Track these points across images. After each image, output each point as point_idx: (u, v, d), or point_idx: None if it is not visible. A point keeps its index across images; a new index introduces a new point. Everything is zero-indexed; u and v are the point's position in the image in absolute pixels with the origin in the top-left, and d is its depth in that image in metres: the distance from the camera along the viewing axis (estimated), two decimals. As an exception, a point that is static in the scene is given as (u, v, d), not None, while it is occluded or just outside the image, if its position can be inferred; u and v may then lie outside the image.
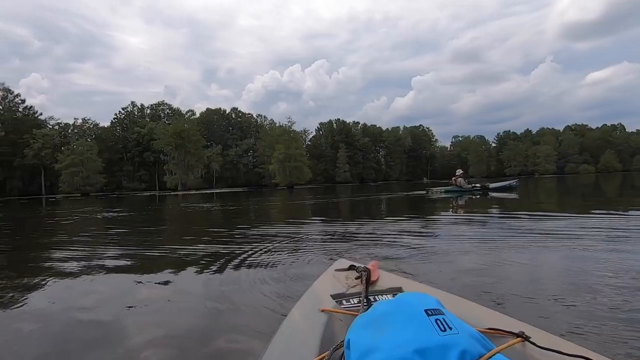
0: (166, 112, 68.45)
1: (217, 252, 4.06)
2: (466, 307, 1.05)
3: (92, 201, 26.19)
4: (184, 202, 19.48)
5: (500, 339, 0.81)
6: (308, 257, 3.54)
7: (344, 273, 1.38)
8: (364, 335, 0.68)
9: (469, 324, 0.68)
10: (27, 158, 50.18)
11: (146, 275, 3.25)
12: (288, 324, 1.07)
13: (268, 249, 4.05)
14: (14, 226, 9.50)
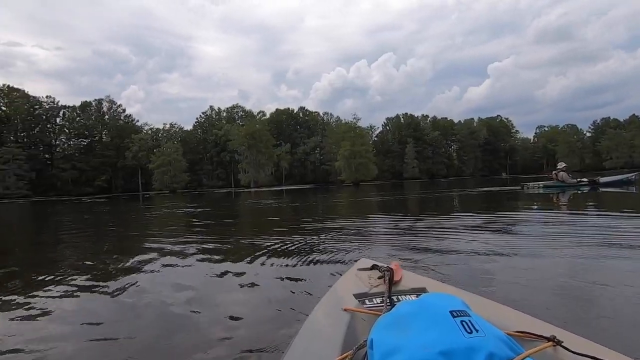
0: (240, 114, 73.17)
1: (286, 243, 4.29)
2: (493, 309, 1.03)
3: (178, 197, 29.25)
4: (255, 198, 20.71)
5: (530, 342, 0.79)
6: (372, 251, 3.55)
7: (366, 272, 1.38)
8: (387, 335, 0.68)
9: (497, 327, 0.66)
10: (127, 160, 57.82)
11: (227, 263, 3.59)
12: (311, 323, 1.08)
13: (332, 242, 4.15)
14: (120, 219, 11.08)
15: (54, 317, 2.29)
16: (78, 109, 60.88)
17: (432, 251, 3.52)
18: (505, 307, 1.06)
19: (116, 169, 59.52)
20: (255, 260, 3.57)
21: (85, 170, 56.51)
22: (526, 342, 0.79)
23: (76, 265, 3.95)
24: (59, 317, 2.29)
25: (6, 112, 54.24)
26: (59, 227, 9.16)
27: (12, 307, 2.50)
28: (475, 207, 9.34)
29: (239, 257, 3.80)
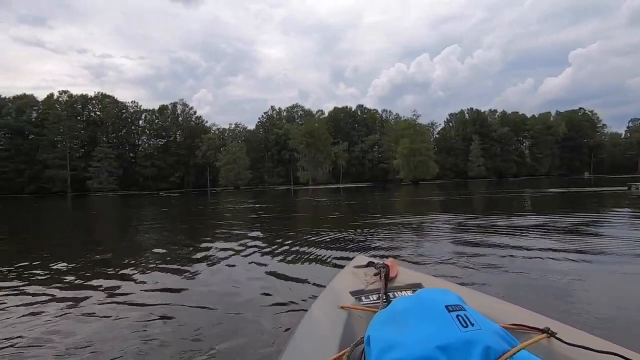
0: (299, 113, 75.04)
1: (342, 240, 4.42)
2: (488, 303, 1.03)
3: (241, 193, 31.02)
4: (312, 195, 21.16)
5: (525, 334, 0.80)
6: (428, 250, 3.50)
7: (362, 270, 1.39)
8: (384, 331, 0.68)
9: (492, 320, 0.67)
10: (197, 158, 62.66)
11: (284, 254, 3.82)
12: (308, 321, 1.08)
13: (386, 239, 4.16)
14: (191, 211, 12.16)
15: (142, 298, 2.67)
16: (156, 112, 67.41)
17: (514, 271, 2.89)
18: (500, 301, 1.06)
19: (188, 167, 64.82)
20: (301, 254, 3.72)
21: (162, 167, 62.50)
22: (521, 334, 0.79)
23: (156, 251, 4.48)
24: (143, 297, 2.66)
25: (100, 116, 62.07)
26: (142, 217, 10.37)
27: (102, 287, 2.96)
28: (561, 209, 8.55)
29: (291, 252, 3.99)
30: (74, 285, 2.94)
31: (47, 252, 4.80)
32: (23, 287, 2.90)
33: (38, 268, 3.58)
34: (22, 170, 54.37)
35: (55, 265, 3.73)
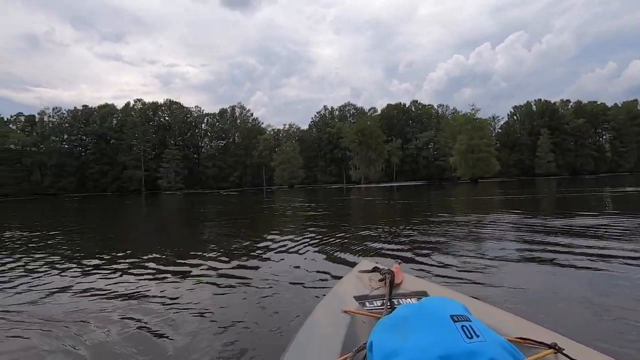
0: (351, 112, 74.96)
1: (386, 238, 4.44)
2: (494, 315, 1.01)
3: (295, 192, 31.92)
4: (364, 194, 21.11)
5: (531, 349, 0.78)
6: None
7: (367, 275, 1.37)
8: (386, 338, 0.68)
9: (498, 333, 0.66)
10: (254, 158, 65.63)
11: (336, 249, 3.98)
12: (310, 324, 1.07)
13: (445, 240, 4.11)
14: (248, 209, 12.90)
15: (199, 284, 3.00)
16: (217, 116, 71.87)
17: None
18: (506, 313, 1.05)
19: (245, 166, 68.18)
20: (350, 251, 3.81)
21: (222, 167, 66.51)
22: (527, 348, 0.77)
23: (216, 245, 4.90)
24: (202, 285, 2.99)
25: (168, 121, 67.83)
26: (207, 214, 11.24)
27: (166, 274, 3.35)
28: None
29: (346, 248, 4.12)
30: (168, 264, 3.38)
31: (137, 240, 5.49)
32: (129, 269, 3.41)
33: (139, 250, 4.15)
34: (106, 171, 61.50)
35: (154, 249, 4.28)
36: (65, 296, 2.71)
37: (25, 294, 2.82)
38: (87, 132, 63.70)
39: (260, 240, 5.11)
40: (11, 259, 4.34)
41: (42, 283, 3.12)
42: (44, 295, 2.74)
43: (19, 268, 3.80)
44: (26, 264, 3.97)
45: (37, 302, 2.59)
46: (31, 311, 2.38)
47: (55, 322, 2.17)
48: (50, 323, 2.15)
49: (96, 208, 17.54)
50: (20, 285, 3.09)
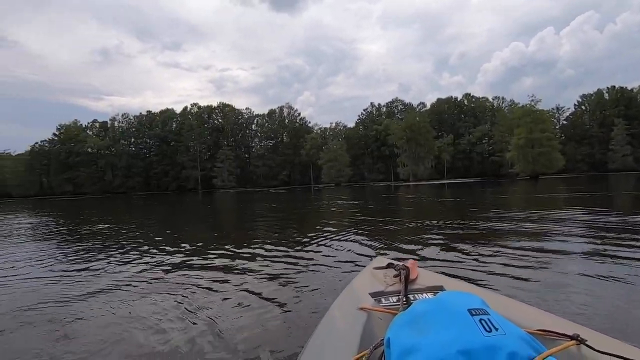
0: (399, 108, 73.33)
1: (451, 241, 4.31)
2: (513, 308, 1.00)
3: (342, 190, 32.06)
4: (412, 192, 20.64)
5: (552, 341, 0.77)
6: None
7: (382, 271, 1.38)
8: (404, 334, 0.67)
9: (517, 325, 0.65)
10: (302, 157, 66.92)
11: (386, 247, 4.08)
12: (327, 322, 1.08)
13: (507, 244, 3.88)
14: (296, 206, 13.33)
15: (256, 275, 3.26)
16: (266, 116, 74.31)
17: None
18: (525, 306, 1.03)
19: (294, 165, 69.74)
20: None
21: (272, 166, 68.72)
22: (548, 340, 0.76)
23: (268, 239, 5.21)
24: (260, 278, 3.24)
25: (221, 123, 71.51)
26: (253, 210, 11.81)
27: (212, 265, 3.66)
28: None
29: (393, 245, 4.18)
30: (227, 256, 3.74)
31: (195, 232, 6.03)
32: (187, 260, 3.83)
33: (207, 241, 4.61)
34: (167, 171, 66.55)
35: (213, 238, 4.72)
36: (150, 272, 3.13)
37: (127, 270, 3.29)
38: (150, 135, 69.42)
39: (301, 235, 5.33)
40: (103, 247, 5.02)
41: (136, 261, 3.63)
42: (140, 271, 3.19)
43: (113, 253, 4.39)
44: (116, 251, 4.57)
45: (135, 277, 3.03)
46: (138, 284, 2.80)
47: (145, 293, 2.54)
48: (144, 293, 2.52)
49: (160, 205, 19.16)
50: (122, 264, 3.60)
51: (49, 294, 2.81)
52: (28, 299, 2.70)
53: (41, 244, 5.81)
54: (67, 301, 2.60)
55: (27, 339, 1.99)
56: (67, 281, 3.20)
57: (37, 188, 64.66)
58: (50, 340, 1.93)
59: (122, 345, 1.85)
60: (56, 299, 2.66)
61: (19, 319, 2.28)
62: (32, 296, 2.77)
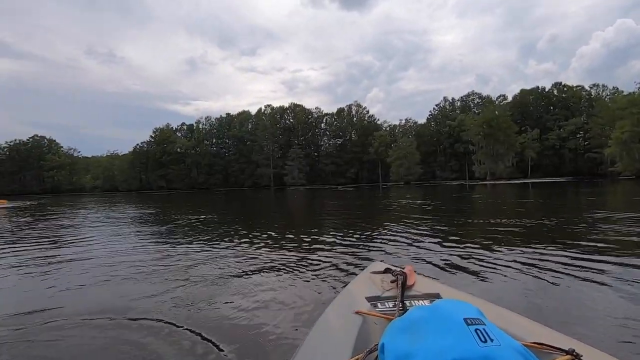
0: (475, 101, 68.51)
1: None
2: (509, 319, 0.99)
3: (411, 189, 31.26)
4: (490, 191, 19.35)
5: (547, 355, 0.76)
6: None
7: (379, 276, 1.38)
8: (399, 340, 0.67)
9: (513, 337, 0.65)
10: (370, 154, 66.49)
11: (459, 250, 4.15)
12: (322, 325, 1.08)
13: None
14: (363, 203, 13.55)
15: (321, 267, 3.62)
16: (335, 115, 75.33)
17: None
18: (522, 318, 1.03)
19: (362, 163, 69.65)
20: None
21: (340, 164, 69.58)
22: (543, 354, 0.76)
23: (327, 232, 5.57)
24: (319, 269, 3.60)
25: (292, 123, 74.44)
26: (327, 206, 12.31)
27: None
28: None
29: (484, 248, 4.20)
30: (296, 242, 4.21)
31: (263, 222, 6.68)
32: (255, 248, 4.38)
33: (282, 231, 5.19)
34: (243, 169, 71.58)
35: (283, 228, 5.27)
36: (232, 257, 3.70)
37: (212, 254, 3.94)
38: (229, 136, 75.27)
39: (360, 232, 5.54)
40: (196, 231, 5.88)
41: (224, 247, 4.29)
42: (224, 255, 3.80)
43: (205, 237, 5.17)
44: (212, 236, 5.36)
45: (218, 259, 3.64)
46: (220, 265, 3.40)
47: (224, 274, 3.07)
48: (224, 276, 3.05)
49: (237, 200, 20.91)
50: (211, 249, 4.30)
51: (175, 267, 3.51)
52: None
53: (153, 228, 6.97)
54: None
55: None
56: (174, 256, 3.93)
57: (137, 183, 74.58)
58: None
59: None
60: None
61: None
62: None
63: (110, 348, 1.89)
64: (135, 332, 2.04)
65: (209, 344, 1.88)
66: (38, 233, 7.04)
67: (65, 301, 2.66)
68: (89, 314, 2.33)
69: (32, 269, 3.81)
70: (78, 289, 2.97)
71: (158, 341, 1.91)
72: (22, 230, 7.82)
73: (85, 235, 6.47)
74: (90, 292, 2.91)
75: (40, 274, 3.56)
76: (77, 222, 9.57)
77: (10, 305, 2.63)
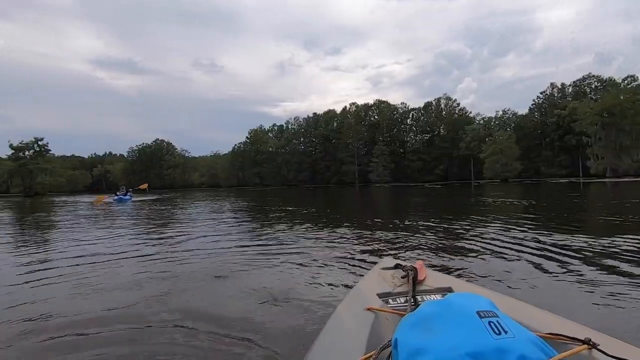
0: (593, 86, 58.69)
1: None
2: (523, 310, 0.99)
3: (509, 187, 28.52)
4: (613, 191, 16.76)
5: (563, 345, 0.76)
6: None
7: (390, 272, 1.38)
8: (411, 335, 0.67)
9: (527, 328, 0.64)
10: (460, 150, 62.28)
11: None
12: (334, 322, 1.08)
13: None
14: (451, 203, 13.14)
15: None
16: (422, 110, 72.40)
17: None
18: (536, 309, 1.03)
19: (451, 159, 65.65)
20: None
21: (427, 161, 66.71)
22: (559, 344, 0.75)
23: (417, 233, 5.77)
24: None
25: (377, 119, 73.88)
26: (412, 204, 12.32)
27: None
28: None
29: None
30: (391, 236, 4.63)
31: (343, 215, 7.19)
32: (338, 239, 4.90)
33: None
34: (329, 166, 73.80)
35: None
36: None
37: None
38: (316, 134, 78.26)
39: (443, 234, 5.53)
40: (297, 221, 6.71)
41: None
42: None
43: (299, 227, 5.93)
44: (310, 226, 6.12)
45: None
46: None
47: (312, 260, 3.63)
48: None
49: (325, 195, 21.97)
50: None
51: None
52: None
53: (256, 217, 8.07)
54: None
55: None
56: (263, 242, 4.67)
57: (236, 180, 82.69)
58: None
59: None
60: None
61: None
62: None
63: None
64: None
65: (217, 337, 1.88)
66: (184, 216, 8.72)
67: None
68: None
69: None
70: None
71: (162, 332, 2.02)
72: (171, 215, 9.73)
73: (213, 220, 7.85)
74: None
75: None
76: (201, 210, 11.46)
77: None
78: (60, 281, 3.19)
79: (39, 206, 20.20)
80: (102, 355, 1.77)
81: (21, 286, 3.10)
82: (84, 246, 5.15)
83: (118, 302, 2.52)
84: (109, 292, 2.80)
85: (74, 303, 2.59)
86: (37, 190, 60.21)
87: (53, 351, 1.84)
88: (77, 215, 11.58)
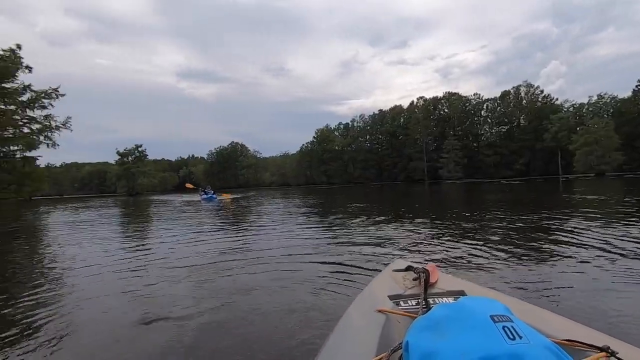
0: None
1: None
2: (538, 316, 0.97)
3: (606, 182, 25.07)
4: None
5: (580, 352, 0.74)
6: None
7: (401, 274, 1.37)
8: (423, 338, 0.66)
9: (543, 334, 0.62)
10: (545, 141, 56.19)
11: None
12: (345, 324, 1.07)
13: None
14: (528, 203, 12.21)
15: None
16: (498, 100, 66.76)
17: None
18: (552, 314, 1.01)
19: (534, 152, 59.64)
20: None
21: (505, 154, 61.46)
22: (576, 351, 0.73)
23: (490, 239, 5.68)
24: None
25: (447, 113, 70.19)
26: (479, 204, 11.80)
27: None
28: None
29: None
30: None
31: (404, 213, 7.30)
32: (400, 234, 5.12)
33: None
34: (396, 163, 72.34)
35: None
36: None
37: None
38: (382, 131, 77.26)
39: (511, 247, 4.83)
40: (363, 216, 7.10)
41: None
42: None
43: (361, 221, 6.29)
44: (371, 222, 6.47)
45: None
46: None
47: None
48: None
49: (391, 193, 21.83)
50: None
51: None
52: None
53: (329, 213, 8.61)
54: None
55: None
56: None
57: (304, 179, 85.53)
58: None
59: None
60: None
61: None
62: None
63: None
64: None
65: (225, 338, 1.91)
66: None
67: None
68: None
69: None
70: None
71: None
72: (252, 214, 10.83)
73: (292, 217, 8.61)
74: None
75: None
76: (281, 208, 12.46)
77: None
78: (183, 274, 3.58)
79: (143, 203, 23.51)
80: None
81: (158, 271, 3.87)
82: (200, 240, 5.80)
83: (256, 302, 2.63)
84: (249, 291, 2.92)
85: (194, 290, 3.00)
86: (138, 190, 70.45)
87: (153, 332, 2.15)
88: (182, 212, 13.57)
